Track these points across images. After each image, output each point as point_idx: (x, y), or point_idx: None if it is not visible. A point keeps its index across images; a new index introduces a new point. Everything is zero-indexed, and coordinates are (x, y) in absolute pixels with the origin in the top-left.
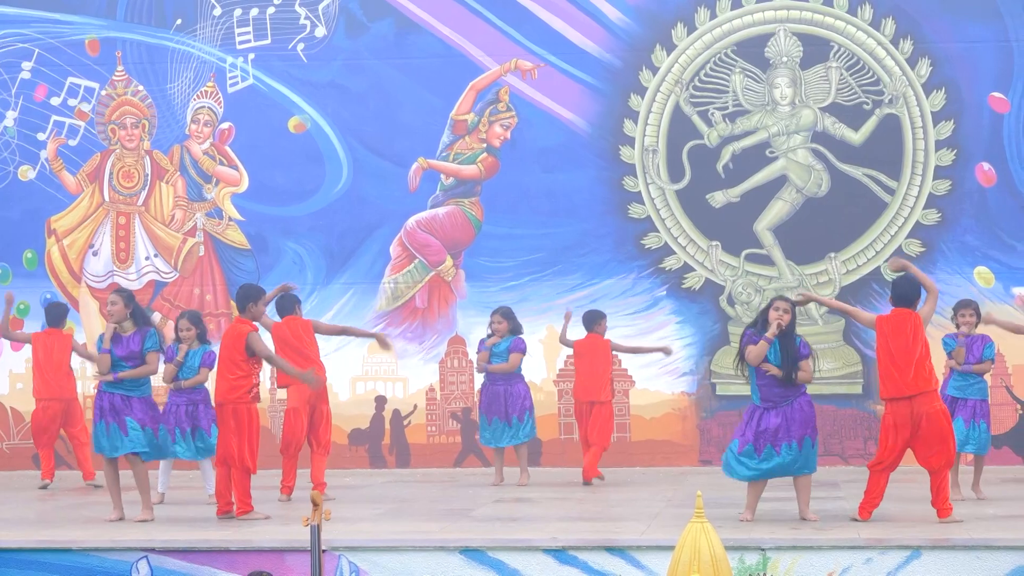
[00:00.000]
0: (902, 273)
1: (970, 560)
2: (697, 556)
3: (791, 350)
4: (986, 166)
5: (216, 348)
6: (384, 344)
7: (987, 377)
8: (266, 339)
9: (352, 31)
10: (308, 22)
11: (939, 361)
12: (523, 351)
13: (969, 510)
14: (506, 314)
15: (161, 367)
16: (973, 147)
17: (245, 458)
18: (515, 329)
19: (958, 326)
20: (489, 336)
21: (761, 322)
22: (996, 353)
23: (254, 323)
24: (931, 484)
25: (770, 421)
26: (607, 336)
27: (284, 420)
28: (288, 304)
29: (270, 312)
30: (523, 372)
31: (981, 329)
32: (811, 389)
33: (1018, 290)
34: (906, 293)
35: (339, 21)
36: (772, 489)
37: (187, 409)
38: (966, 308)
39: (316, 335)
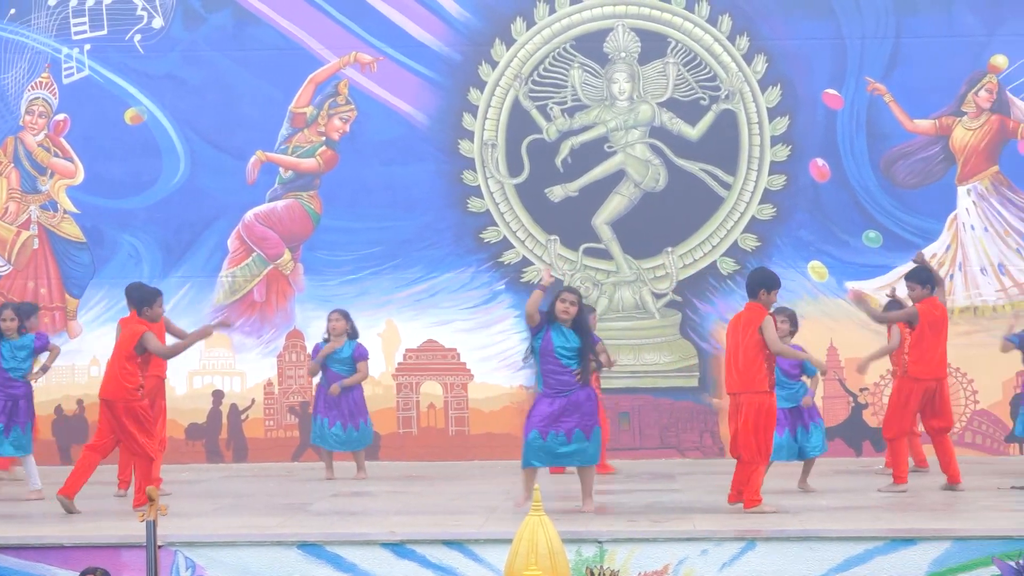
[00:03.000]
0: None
1: (803, 551)
2: (535, 549)
3: (587, 343)
4: (820, 162)
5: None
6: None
7: (810, 381)
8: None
9: (190, 22)
10: (145, 13)
11: None
12: (367, 358)
13: (802, 501)
14: (345, 314)
15: None
16: (807, 143)
17: (149, 449)
18: (353, 331)
19: None
20: (326, 340)
21: (549, 314)
22: (831, 348)
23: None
24: (736, 473)
25: (547, 408)
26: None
27: None
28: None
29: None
30: None
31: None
32: (648, 382)
33: (851, 285)
34: (748, 285)
35: (176, 12)
36: (608, 482)
37: (4, 405)
38: (779, 314)
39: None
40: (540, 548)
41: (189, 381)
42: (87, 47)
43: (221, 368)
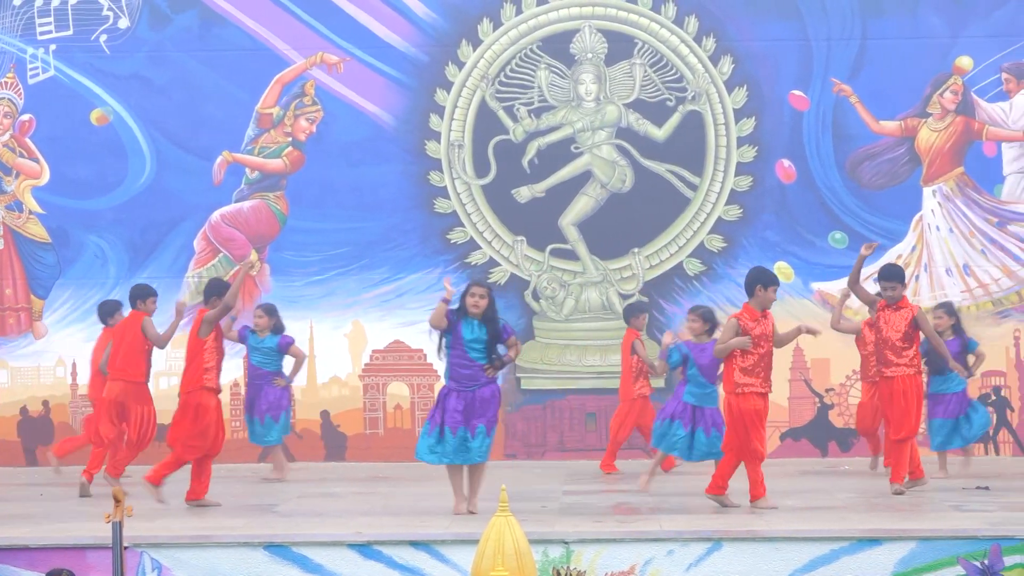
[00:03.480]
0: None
1: (769, 551)
2: (501, 550)
3: (494, 334)
4: (786, 163)
5: None
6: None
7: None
8: None
9: (156, 23)
10: (111, 13)
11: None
12: (294, 341)
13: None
14: (268, 310)
15: None
16: (774, 144)
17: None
18: (278, 326)
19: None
20: (253, 332)
21: (460, 308)
22: (796, 348)
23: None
24: (719, 467)
25: (455, 404)
26: (643, 332)
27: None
28: (134, 296)
29: None
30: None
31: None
32: (615, 383)
33: (817, 285)
34: (746, 284)
35: (143, 12)
36: (574, 482)
37: None
38: (692, 312)
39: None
40: (507, 549)
41: (155, 382)
42: (53, 47)
43: None
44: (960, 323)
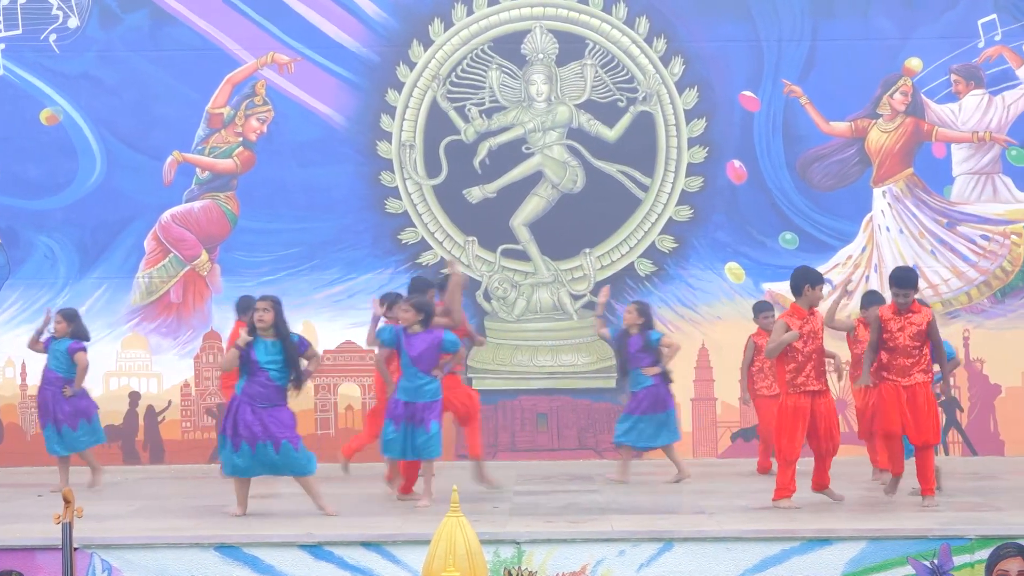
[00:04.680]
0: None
1: (720, 552)
2: (453, 550)
3: (291, 351)
4: (737, 163)
5: None
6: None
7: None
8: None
9: (106, 22)
10: (60, 12)
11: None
12: (83, 349)
13: (720, 502)
14: (67, 315)
15: None
16: (724, 145)
17: None
18: (77, 332)
19: None
20: (53, 336)
21: (251, 329)
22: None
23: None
24: (816, 466)
25: (247, 416)
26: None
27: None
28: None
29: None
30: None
31: None
32: (566, 383)
33: (768, 286)
34: (792, 284)
35: (92, 12)
36: (525, 483)
37: None
38: (404, 302)
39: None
40: (458, 549)
41: (105, 382)
42: (1, 46)
43: (138, 369)
44: (649, 323)
